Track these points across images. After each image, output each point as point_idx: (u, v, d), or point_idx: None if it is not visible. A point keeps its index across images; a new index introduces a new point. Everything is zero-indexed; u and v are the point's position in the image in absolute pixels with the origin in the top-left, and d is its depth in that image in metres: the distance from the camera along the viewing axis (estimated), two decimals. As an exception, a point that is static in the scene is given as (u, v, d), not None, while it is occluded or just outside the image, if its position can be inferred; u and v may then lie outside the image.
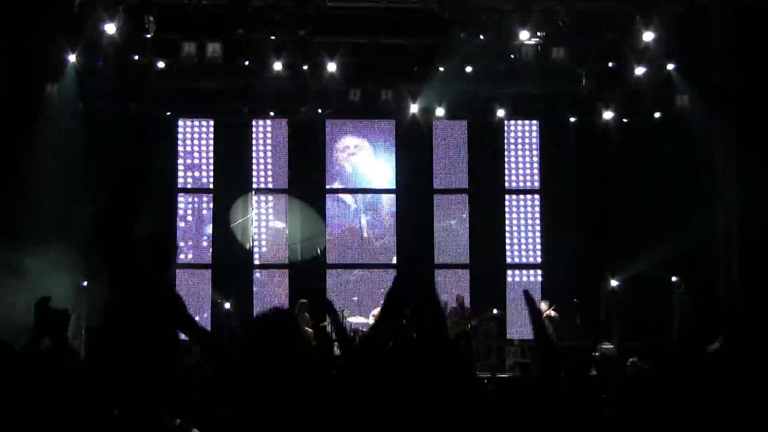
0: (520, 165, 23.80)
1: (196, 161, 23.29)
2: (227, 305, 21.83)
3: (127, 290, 2.60)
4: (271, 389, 3.23)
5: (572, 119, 22.94)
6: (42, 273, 18.05)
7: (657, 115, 21.64)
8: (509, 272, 23.50)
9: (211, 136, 23.26)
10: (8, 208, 19.33)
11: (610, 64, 20.90)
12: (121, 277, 2.62)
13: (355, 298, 22.30)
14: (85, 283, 19.81)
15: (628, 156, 22.36)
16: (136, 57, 20.15)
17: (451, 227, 23.63)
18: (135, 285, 2.54)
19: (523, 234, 23.63)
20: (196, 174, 23.28)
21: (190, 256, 23.14)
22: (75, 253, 18.50)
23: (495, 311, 21.67)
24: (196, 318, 4.09)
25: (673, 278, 20.85)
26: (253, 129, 23.34)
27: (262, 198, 23.42)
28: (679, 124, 21.19)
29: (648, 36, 19.32)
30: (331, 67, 20.68)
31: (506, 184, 23.70)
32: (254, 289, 22.98)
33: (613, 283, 21.88)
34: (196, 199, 23.40)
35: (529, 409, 4.67)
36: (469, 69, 20.80)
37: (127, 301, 2.63)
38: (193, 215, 23.30)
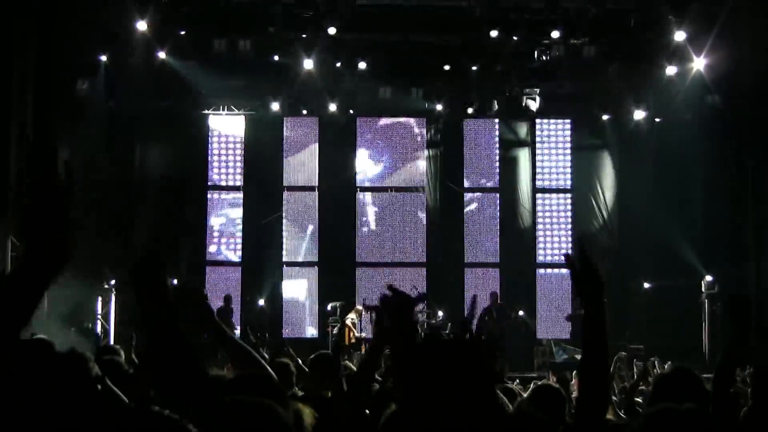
0: (552, 163, 23.66)
1: (227, 158, 23.35)
2: (261, 302, 21.90)
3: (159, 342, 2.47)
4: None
5: (604, 118, 22.83)
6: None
7: (688, 114, 21.48)
8: (539, 271, 23.40)
9: (242, 133, 23.31)
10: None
11: (642, 63, 20.79)
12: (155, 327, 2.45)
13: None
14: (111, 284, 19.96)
15: (660, 155, 22.24)
16: (165, 54, 20.28)
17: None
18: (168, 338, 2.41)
19: (554, 233, 23.51)
20: (227, 171, 23.36)
21: (225, 251, 23.26)
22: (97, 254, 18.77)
23: (521, 313, 21.68)
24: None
25: (708, 277, 20.66)
26: (284, 126, 23.39)
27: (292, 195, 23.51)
28: (710, 123, 21.06)
29: (680, 35, 19.19)
30: (362, 65, 20.74)
31: (537, 182, 23.60)
32: (283, 286, 23.04)
33: (646, 285, 21.78)
34: (226, 196, 23.48)
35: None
36: (500, 67, 20.76)
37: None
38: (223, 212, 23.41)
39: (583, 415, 2.96)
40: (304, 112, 23.09)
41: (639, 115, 22.08)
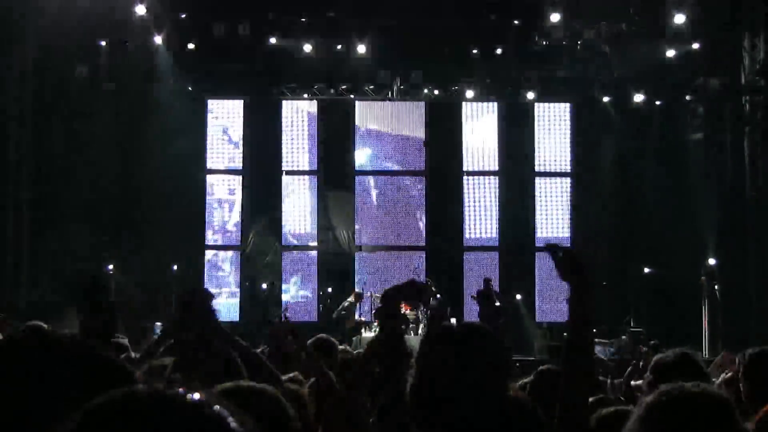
0: (552, 147, 23.59)
1: (226, 142, 23.30)
2: (264, 286, 21.83)
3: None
4: None
5: (604, 100, 22.77)
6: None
7: (688, 96, 21.48)
8: (539, 254, 23.38)
9: (241, 116, 23.25)
10: (38, 187, 19.58)
11: (642, 46, 20.75)
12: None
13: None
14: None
15: (660, 137, 22.23)
16: (163, 38, 20.25)
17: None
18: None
19: (552, 217, 23.47)
20: (226, 155, 23.32)
21: (223, 235, 23.28)
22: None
23: (519, 297, 21.72)
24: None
25: (710, 261, 20.67)
26: (283, 110, 23.33)
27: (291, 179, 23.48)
28: (710, 105, 21.05)
29: (679, 18, 19.16)
30: (361, 48, 20.67)
31: (536, 166, 23.56)
32: (283, 269, 23.02)
33: (646, 270, 21.77)
34: (225, 180, 23.44)
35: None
36: (499, 51, 20.71)
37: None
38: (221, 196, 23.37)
39: (568, 405, 2.94)
40: (305, 96, 23.02)
41: (639, 97, 22.04)
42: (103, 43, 19.99)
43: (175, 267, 20.97)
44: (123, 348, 6.72)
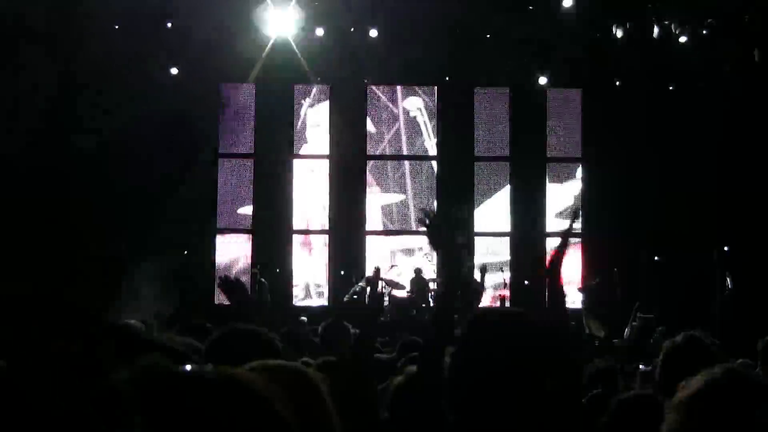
0: (563, 133, 23.52)
1: (238, 126, 23.29)
2: (277, 270, 21.79)
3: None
4: None
5: (617, 85, 22.65)
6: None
7: (702, 82, 21.39)
8: (549, 240, 23.33)
9: (253, 101, 23.23)
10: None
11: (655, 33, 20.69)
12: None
13: (396, 266, 22.28)
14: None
15: (674, 122, 22.13)
16: (172, 23, 20.25)
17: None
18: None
19: (564, 202, 23.41)
20: (238, 138, 23.32)
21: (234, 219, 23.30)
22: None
23: (526, 282, 21.72)
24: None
25: (724, 248, 20.60)
26: (295, 94, 23.31)
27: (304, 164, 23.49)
28: (724, 89, 20.96)
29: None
30: (373, 32, 20.63)
31: (548, 152, 23.48)
32: (293, 254, 23.01)
33: (656, 258, 21.71)
34: (236, 164, 23.43)
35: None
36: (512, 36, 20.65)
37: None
38: (234, 180, 23.35)
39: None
40: (319, 79, 22.93)
41: (651, 82, 21.96)
42: (116, 27, 19.98)
43: (185, 252, 21.03)
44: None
